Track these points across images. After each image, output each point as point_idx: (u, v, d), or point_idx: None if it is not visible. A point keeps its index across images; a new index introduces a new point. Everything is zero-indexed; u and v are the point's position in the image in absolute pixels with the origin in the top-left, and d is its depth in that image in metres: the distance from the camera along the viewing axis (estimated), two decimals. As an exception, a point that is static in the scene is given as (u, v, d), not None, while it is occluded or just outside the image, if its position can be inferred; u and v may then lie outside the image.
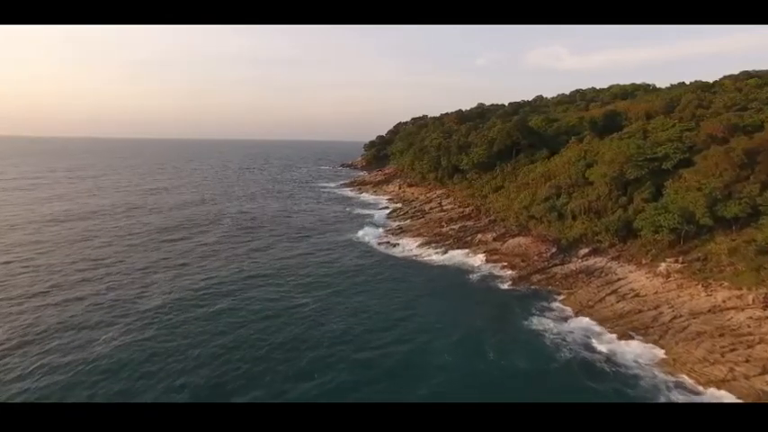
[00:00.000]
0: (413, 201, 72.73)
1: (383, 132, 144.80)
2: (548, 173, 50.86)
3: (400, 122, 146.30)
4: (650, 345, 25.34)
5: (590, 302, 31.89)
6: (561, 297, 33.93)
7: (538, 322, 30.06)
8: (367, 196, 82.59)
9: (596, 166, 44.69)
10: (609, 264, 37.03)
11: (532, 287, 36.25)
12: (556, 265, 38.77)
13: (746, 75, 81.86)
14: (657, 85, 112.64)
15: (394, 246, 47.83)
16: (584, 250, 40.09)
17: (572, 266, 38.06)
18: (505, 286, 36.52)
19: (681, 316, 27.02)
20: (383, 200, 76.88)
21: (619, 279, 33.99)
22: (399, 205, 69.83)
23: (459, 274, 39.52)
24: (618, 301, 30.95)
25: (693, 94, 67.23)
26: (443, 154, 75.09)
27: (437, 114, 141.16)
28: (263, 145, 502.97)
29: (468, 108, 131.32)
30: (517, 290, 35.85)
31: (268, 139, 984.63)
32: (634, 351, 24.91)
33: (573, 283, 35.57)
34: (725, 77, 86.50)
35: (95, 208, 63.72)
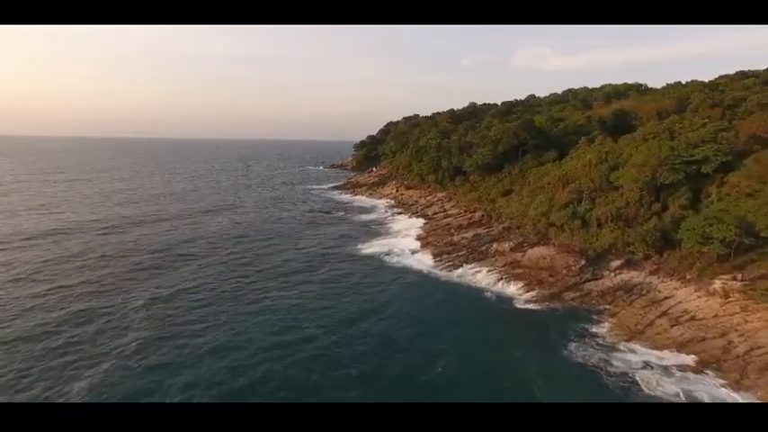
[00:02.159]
0: (412, 204, 67.98)
1: (370, 132, 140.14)
2: (565, 176, 46.60)
3: (391, 122, 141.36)
4: (733, 385, 21.03)
5: (638, 326, 27.59)
6: (602, 319, 29.56)
7: (584, 351, 25.65)
8: (363, 199, 77.41)
9: (623, 170, 40.59)
10: (648, 279, 32.89)
11: (566, 306, 31.84)
12: (588, 280, 34.44)
13: (742, 74, 79.51)
14: (649, 85, 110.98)
15: (399, 256, 42.92)
16: (616, 262, 35.91)
17: (607, 282, 33.79)
18: (536, 306, 32.00)
19: (759, 347, 22.86)
20: (381, 204, 71.80)
21: (665, 298, 29.81)
22: (399, 210, 64.89)
23: (480, 291, 34.85)
24: (672, 326, 26.70)
25: (702, 92, 64.16)
26: (443, 155, 70.55)
27: (426, 114, 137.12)
28: (252, 145, 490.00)
29: (460, 107, 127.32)
30: (550, 310, 31.39)
31: (258, 138, 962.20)
32: (717, 394, 20.57)
33: (612, 302, 31.29)
34: (720, 77, 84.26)
35: (67, 221, 55.45)
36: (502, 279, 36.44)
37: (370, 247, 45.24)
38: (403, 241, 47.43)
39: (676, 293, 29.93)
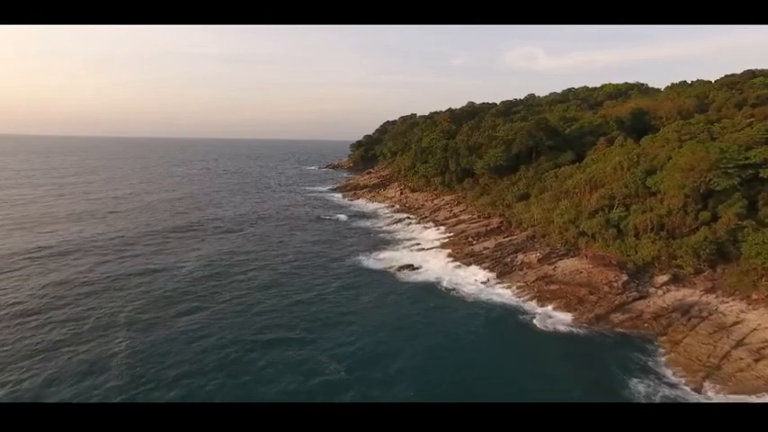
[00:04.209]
0: (419, 208, 63.20)
1: (363, 132, 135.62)
2: (592, 180, 42.27)
3: (388, 121, 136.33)
4: None
5: (711, 359, 23.22)
6: (663, 348, 25.24)
7: (650, 390, 21.57)
8: (365, 203, 72.39)
9: (661, 174, 36.35)
10: (705, 298, 28.63)
11: (615, 331, 27.46)
12: (635, 299, 30.06)
13: (751, 74, 76.31)
14: (650, 85, 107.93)
15: (417, 270, 38.17)
16: (662, 278, 31.64)
17: (657, 301, 29.44)
18: (581, 330, 27.55)
19: None
20: (385, 208, 66.90)
21: (735, 323, 25.51)
22: (406, 215, 60.06)
23: (514, 311, 30.25)
24: (756, 360, 22.36)
25: (720, 91, 60.59)
26: (450, 156, 65.89)
27: (418, 113, 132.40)
28: (239, 144, 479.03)
29: (449, 107, 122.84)
30: (598, 335, 26.96)
31: (244, 138, 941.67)
32: None
33: (670, 327, 26.92)
34: (727, 76, 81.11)
35: (49, 238, 47.12)
36: (536, 297, 31.94)
37: (382, 262, 40.21)
38: (417, 252, 42.63)
39: (746, 318, 25.66)
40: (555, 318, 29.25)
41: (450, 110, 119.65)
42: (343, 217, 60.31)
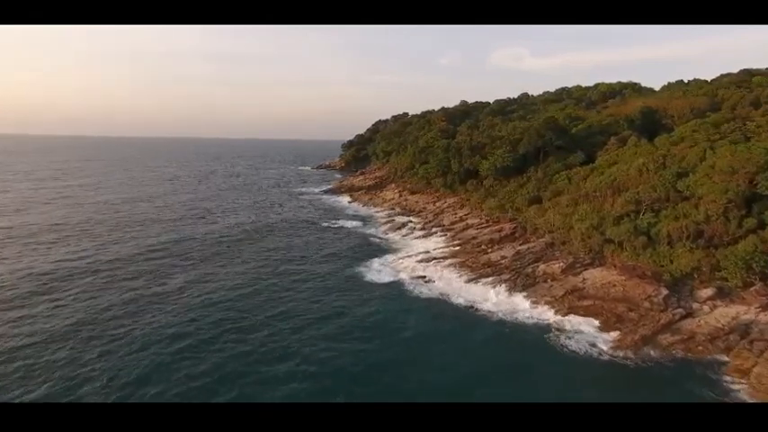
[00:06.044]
0: (420, 212, 59.00)
1: (351, 131, 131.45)
2: (614, 182, 38.60)
3: (380, 120, 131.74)
4: None
5: (793, 394, 19.52)
6: (729, 377, 21.54)
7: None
8: (363, 206, 67.87)
9: (695, 176, 32.80)
10: (763, 317, 24.98)
11: (669, 356, 23.62)
12: (682, 317, 26.32)
13: (748, 74, 74.06)
14: (643, 84, 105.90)
15: (429, 283, 33.96)
16: (706, 292, 28.01)
17: (709, 320, 25.72)
18: (629, 356, 23.61)
19: None
20: (385, 211, 62.50)
21: (809, 349, 21.90)
22: (409, 219, 55.77)
23: (548, 334, 26.13)
24: None
25: (729, 89, 57.82)
26: (453, 156, 61.81)
27: (410, 113, 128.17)
28: (230, 144, 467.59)
29: (445, 106, 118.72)
30: (652, 362, 23.05)
31: (235, 137, 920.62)
32: None
33: (729, 351, 23.21)
34: (723, 75, 79.09)
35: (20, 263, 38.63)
36: (569, 314, 28.03)
37: (390, 274, 35.71)
38: (427, 261, 38.31)
39: (819, 342, 22.11)
40: (595, 340, 25.33)
41: (443, 109, 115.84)
42: (341, 222, 55.67)
